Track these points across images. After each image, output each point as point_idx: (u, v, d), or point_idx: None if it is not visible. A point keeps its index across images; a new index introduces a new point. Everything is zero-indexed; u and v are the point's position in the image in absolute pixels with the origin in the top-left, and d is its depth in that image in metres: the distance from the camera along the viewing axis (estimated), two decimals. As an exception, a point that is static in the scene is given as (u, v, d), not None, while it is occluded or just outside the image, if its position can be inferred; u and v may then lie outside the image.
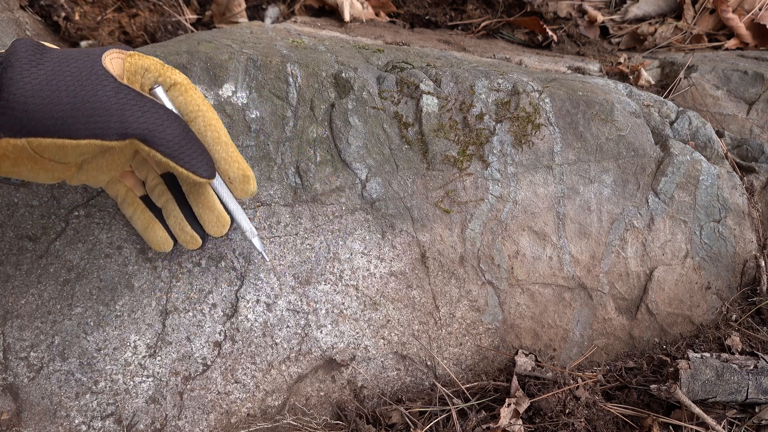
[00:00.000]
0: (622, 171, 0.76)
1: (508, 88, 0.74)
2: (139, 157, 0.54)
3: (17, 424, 0.55)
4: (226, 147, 0.52)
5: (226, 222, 0.55)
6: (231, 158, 0.52)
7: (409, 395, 0.66)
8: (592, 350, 0.73)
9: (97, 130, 0.43)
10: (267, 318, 0.62)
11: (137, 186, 0.55)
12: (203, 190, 0.53)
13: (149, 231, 0.55)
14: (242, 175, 0.53)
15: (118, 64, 0.47)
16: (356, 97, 0.67)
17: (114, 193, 0.55)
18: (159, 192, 0.55)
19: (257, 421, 0.61)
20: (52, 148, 0.43)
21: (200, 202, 0.54)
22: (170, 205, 0.55)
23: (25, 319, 0.56)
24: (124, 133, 0.45)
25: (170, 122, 0.47)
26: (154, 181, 0.55)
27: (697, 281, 0.78)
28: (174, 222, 0.55)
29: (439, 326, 0.67)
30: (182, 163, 0.47)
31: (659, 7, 1.20)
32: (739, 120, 0.93)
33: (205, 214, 0.54)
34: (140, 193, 0.56)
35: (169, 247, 0.56)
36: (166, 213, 0.55)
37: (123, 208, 0.56)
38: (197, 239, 0.55)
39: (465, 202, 0.69)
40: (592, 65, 1.02)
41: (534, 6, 1.14)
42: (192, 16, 1.06)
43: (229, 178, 0.53)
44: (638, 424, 0.66)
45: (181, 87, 0.51)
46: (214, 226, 0.54)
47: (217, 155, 0.52)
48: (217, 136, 0.51)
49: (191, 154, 0.48)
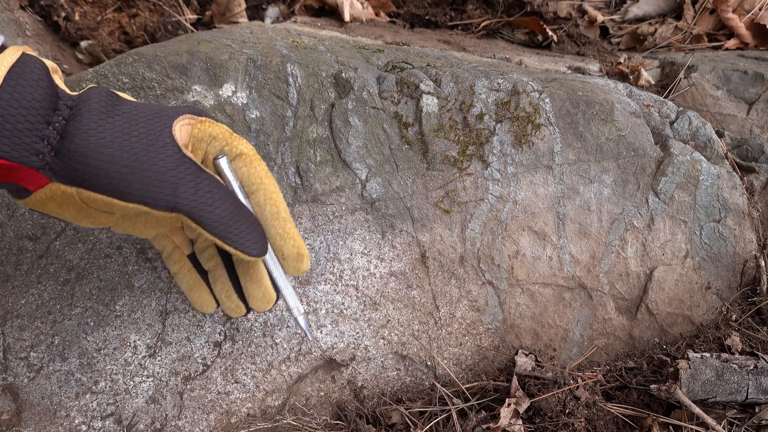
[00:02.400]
0: (622, 171, 0.76)
1: (508, 88, 0.74)
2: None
3: (17, 424, 0.55)
4: (283, 223, 0.51)
5: (272, 299, 0.53)
6: (287, 235, 0.51)
7: (409, 395, 0.66)
8: (592, 350, 0.73)
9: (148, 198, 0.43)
10: (267, 318, 0.62)
11: (185, 244, 0.54)
12: (253, 264, 0.52)
13: (194, 292, 0.54)
14: (297, 253, 0.52)
15: (187, 131, 0.47)
16: (356, 97, 0.67)
17: (161, 247, 0.54)
18: (208, 255, 0.53)
19: (257, 421, 0.61)
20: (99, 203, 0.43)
21: (248, 276, 0.52)
22: (219, 271, 0.53)
23: (25, 319, 0.56)
24: (173, 207, 0.44)
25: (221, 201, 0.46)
26: (204, 244, 0.53)
27: (697, 281, 0.78)
28: (221, 288, 0.53)
29: (439, 326, 0.67)
30: (230, 242, 0.47)
31: (659, 7, 1.20)
32: (739, 120, 0.93)
33: (251, 288, 0.53)
34: (188, 252, 0.54)
35: (213, 309, 0.55)
36: (213, 277, 0.54)
37: (168, 264, 0.54)
38: (242, 308, 0.54)
39: (465, 202, 0.69)
40: (592, 65, 1.02)
41: (534, 6, 1.14)
42: (192, 16, 1.06)
43: (283, 254, 0.52)
44: (638, 424, 0.66)
45: (246, 158, 0.50)
46: (259, 301, 0.53)
47: (273, 231, 0.51)
48: (276, 211, 0.51)
49: (240, 233, 0.47)
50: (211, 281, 0.54)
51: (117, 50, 0.99)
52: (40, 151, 0.41)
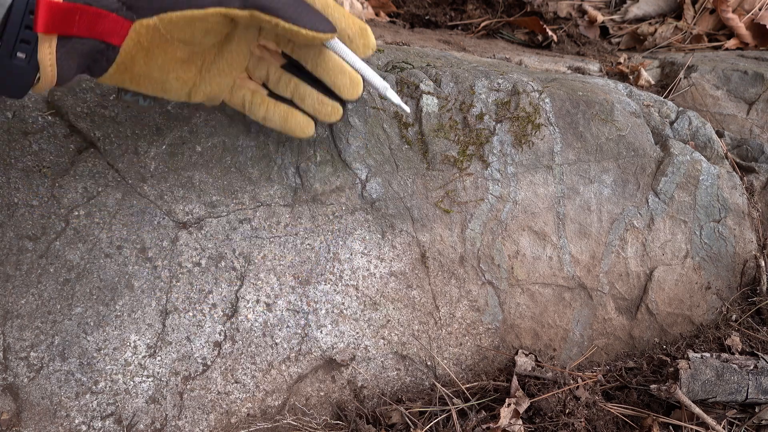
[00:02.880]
0: (622, 171, 0.76)
1: (508, 88, 0.74)
2: (255, 57, 0.55)
3: (17, 424, 0.55)
4: (336, 8, 0.53)
5: (359, 80, 0.55)
6: (345, 16, 0.53)
7: (409, 395, 0.66)
8: (592, 350, 0.73)
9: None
10: (267, 318, 0.62)
11: (260, 88, 0.56)
12: (329, 57, 0.54)
13: (290, 119, 0.56)
14: (360, 29, 0.54)
15: None
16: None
17: (240, 100, 0.56)
18: (285, 81, 0.56)
19: (257, 421, 0.61)
20: (182, 24, 0.45)
21: (329, 69, 0.54)
22: (301, 88, 0.56)
23: (25, 319, 0.56)
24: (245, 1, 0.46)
25: None
26: (276, 74, 0.56)
27: (697, 281, 0.78)
28: (311, 100, 0.56)
29: (439, 326, 0.67)
30: (303, 24, 0.48)
31: (659, 7, 1.20)
32: (739, 120, 0.93)
33: (338, 79, 0.54)
34: (265, 93, 0.56)
35: (312, 129, 0.57)
36: (299, 96, 0.56)
37: (254, 112, 0.57)
38: (338, 108, 0.56)
39: (465, 202, 0.69)
40: (592, 65, 1.02)
41: (534, 6, 1.14)
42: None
43: (349, 36, 0.53)
44: (638, 424, 0.66)
45: None
46: (349, 89, 0.55)
47: (331, 17, 0.52)
48: (325, 1, 0.52)
49: (309, 14, 0.49)
50: (299, 101, 0.56)
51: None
52: None
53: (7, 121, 0.57)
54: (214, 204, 0.62)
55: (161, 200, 0.60)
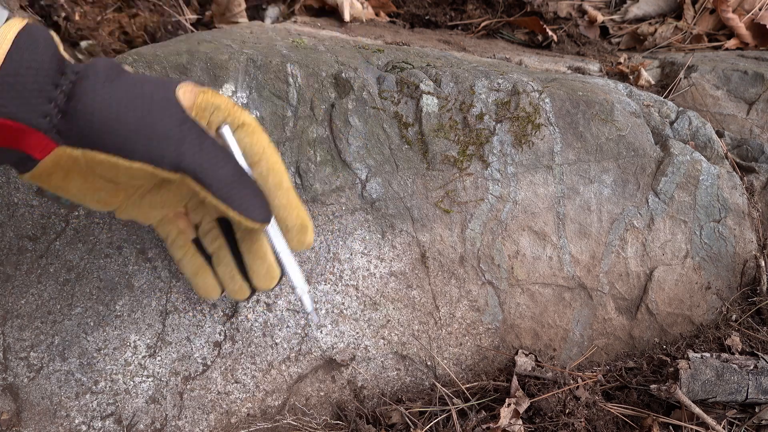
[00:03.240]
0: (622, 171, 0.76)
1: (508, 88, 0.74)
2: (196, 200, 0.52)
3: (17, 424, 0.55)
4: (287, 193, 0.50)
5: (276, 275, 0.53)
6: (291, 205, 0.50)
7: (409, 395, 0.66)
8: (592, 350, 0.73)
9: (153, 155, 0.43)
10: (267, 318, 0.62)
11: (189, 229, 0.54)
12: (256, 238, 0.51)
13: (198, 277, 0.54)
14: (300, 225, 0.51)
15: (190, 98, 0.46)
16: (356, 97, 0.67)
17: (165, 233, 0.54)
18: (212, 237, 0.53)
19: (257, 421, 0.61)
20: (105, 165, 0.43)
21: (252, 251, 0.52)
22: (222, 252, 0.53)
23: (25, 319, 0.56)
24: (177, 165, 0.44)
25: (225, 162, 0.46)
26: (208, 225, 0.53)
27: (697, 281, 0.78)
28: (224, 270, 0.53)
29: (439, 326, 0.67)
30: (234, 205, 0.46)
31: (659, 7, 1.20)
32: (739, 120, 0.93)
33: (255, 264, 0.52)
34: (192, 237, 0.54)
35: (217, 294, 0.54)
36: (217, 260, 0.53)
37: (172, 250, 0.54)
38: (245, 291, 0.53)
39: (465, 202, 0.69)
40: (592, 65, 1.02)
41: (534, 6, 1.14)
42: (192, 16, 1.06)
43: (287, 226, 0.50)
44: (638, 424, 0.66)
45: (249, 128, 0.49)
46: (263, 279, 0.52)
47: (277, 201, 0.49)
48: (278, 181, 0.49)
49: (244, 197, 0.46)
50: (215, 264, 0.53)
51: (117, 50, 0.99)
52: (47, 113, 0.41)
53: (7, 121, 0.57)
54: (214, 204, 0.62)
55: (161, 200, 0.60)
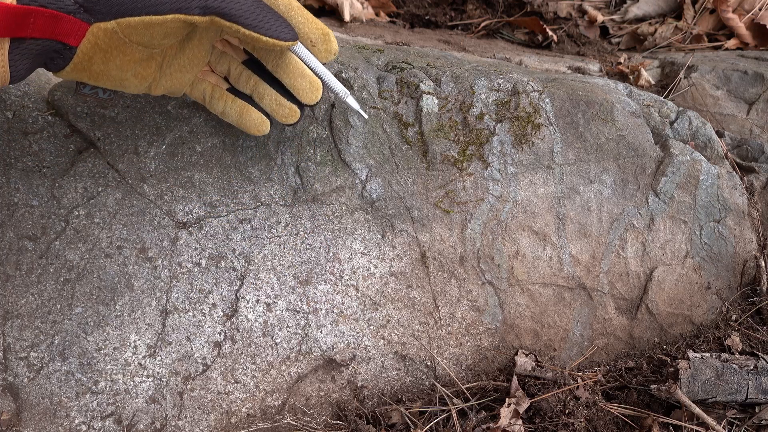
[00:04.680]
0: (622, 171, 0.76)
1: (508, 88, 0.74)
2: (217, 51, 0.55)
3: (17, 424, 0.55)
4: (300, 11, 0.52)
5: (319, 85, 0.55)
6: (308, 20, 0.53)
7: (409, 395, 0.66)
8: (592, 350, 0.73)
9: (181, 4, 0.45)
10: (267, 318, 0.62)
11: (221, 81, 0.56)
12: (289, 60, 0.54)
13: (245, 116, 0.56)
14: (323, 34, 0.53)
15: None
16: (356, 97, 0.67)
17: (200, 93, 0.56)
18: (245, 78, 0.55)
19: (257, 421, 0.61)
20: (140, 29, 0.45)
21: (290, 72, 0.54)
22: (261, 87, 0.55)
23: (25, 319, 0.56)
24: (205, 7, 0.46)
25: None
26: (237, 70, 0.55)
27: (697, 281, 0.78)
28: (269, 99, 0.55)
29: (439, 326, 0.67)
30: (264, 30, 0.48)
31: (659, 7, 1.20)
32: (739, 120, 0.93)
33: (297, 82, 0.54)
34: (225, 87, 0.56)
35: (268, 127, 0.57)
36: (258, 95, 0.55)
37: (212, 106, 0.57)
38: (296, 110, 0.56)
39: (465, 202, 0.69)
40: (592, 65, 1.02)
41: (534, 6, 1.14)
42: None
43: (311, 40, 0.53)
44: (638, 424, 0.66)
45: None
46: (308, 93, 0.54)
47: (294, 21, 0.52)
48: (288, 2, 0.52)
49: (270, 20, 0.48)
50: (258, 99, 0.56)
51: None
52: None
53: (7, 121, 0.57)
54: (214, 204, 0.62)
55: (161, 200, 0.60)
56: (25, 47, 0.42)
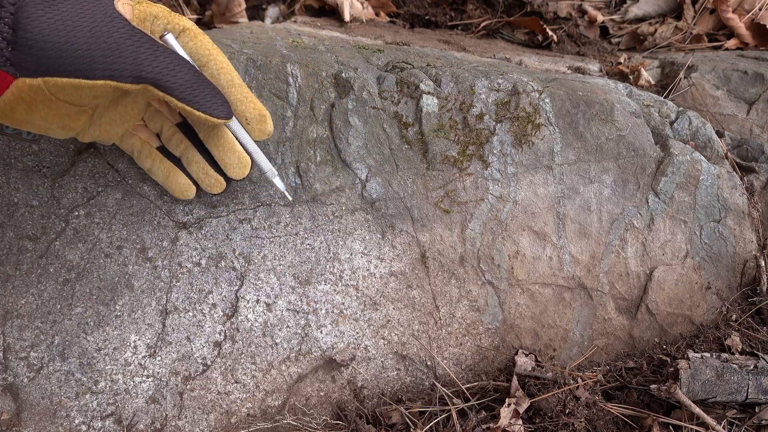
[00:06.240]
0: (622, 171, 0.76)
1: (508, 88, 0.74)
2: (152, 109, 0.54)
3: (17, 424, 0.55)
4: (240, 88, 0.52)
5: (247, 162, 0.55)
6: (246, 99, 0.53)
7: (409, 395, 0.66)
8: (592, 350, 0.73)
9: (113, 71, 0.44)
10: (267, 318, 0.62)
11: (152, 138, 0.56)
12: (221, 133, 0.53)
13: (171, 179, 0.56)
14: (259, 115, 0.53)
15: (128, 10, 0.47)
16: (356, 97, 0.67)
17: (129, 147, 0.56)
18: (177, 141, 0.55)
19: (257, 421, 0.61)
20: (68, 89, 0.44)
21: (220, 145, 0.54)
22: (190, 152, 0.55)
23: (25, 319, 0.56)
24: (139, 77, 0.45)
25: (182, 66, 0.47)
26: (170, 131, 0.55)
27: (697, 281, 0.78)
28: (197, 167, 0.55)
29: (439, 326, 0.67)
30: (197, 106, 0.48)
31: (659, 7, 1.20)
32: (739, 120, 0.93)
33: (226, 157, 0.54)
34: (156, 145, 0.56)
35: (193, 192, 0.56)
36: (186, 160, 0.55)
37: (140, 161, 0.56)
38: (221, 182, 0.56)
39: (465, 202, 0.69)
40: (592, 65, 1.02)
41: (534, 6, 1.14)
42: (192, 16, 1.06)
43: (246, 118, 0.53)
44: (638, 424, 0.66)
45: (191, 33, 0.51)
46: (235, 168, 0.55)
47: (233, 97, 0.52)
48: (230, 78, 0.52)
49: (205, 96, 0.48)
50: (186, 164, 0.55)
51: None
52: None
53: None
54: (214, 204, 0.62)
55: (161, 200, 0.60)
56: None
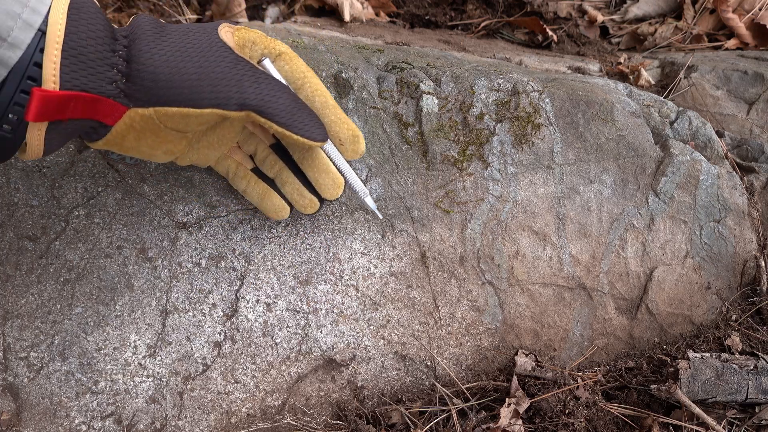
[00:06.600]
0: (622, 171, 0.76)
1: (508, 88, 0.74)
2: (246, 131, 0.55)
3: (17, 424, 0.55)
4: (334, 110, 0.53)
5: (341, 183, 0.56)
6: (341, 120, 0.54)
7: (409, 395, 0.66)
8: (592, 350, 0.73)
9: (220, 100, 0.45)
10: (267, 318, 0.62)
11: (246, 160, 0.57)
12: (316, 155, 0.55)
13: (266, 200, 0.57)
14: (352, 136, 0.54)
15: (230, 38, 0.48)
16: (356, 97, 0.67)
17: (224, 169, 0.57)
18: (271, 162, 0.56)
19: (257, 421, 0.61)
20: (177, 118, 0.45)
21: (314, 167, 0.55)
22: (284, 174, 0.56)
23: (25, 319, 0.56)
24: (243, 104, 0.46)
25: (281, 92, 0.49)
26: (264, 153, 0.56)
27: (697, 281, 0.78)
28: (291, 188, 0.56)
29: (439, 326, 0.67)
30: (296, 130, 0.49)
31: (659, 7, 1.20)
32: (739, 120, 0.93)
33: (321, 178, 0.55)
34: (250, 167, 0.57)
35: (287, 213, 0.58)
36: (281, 181, 0.57)
37: (235, 183, 0.58)
38: (316, 203, 0.57)
39: (465, 202, 0.69)
40: (592, 65, 1.02)
41: (534, 6, 1.14)
42: (192, 16, 1.06)
43: (340, 139, 0.54)
44: (638, 424, 0.66)
45: (287, 56, 0.52)
46: (329, 189, 0.56)
47: (327, 119, 0.53)
48: (324, 100, 0.53)
49: (303, 120, 0.50)
50: (280, 185, 0.57)
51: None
52: (113, 79, 0.42)
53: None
54: (214, 204, 0.62)
55: (161, 200, 0.60)
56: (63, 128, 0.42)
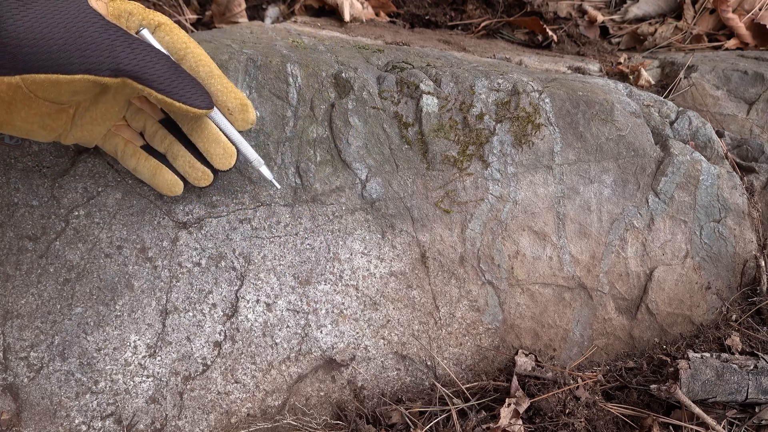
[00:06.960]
0: (622, 171, 0.76)
1: (508, 88, 0.74)
2: (134, 108, 0.54)
3: (17, 424, 0.55)
4: (220, 79, 0.52)
5: (233, 152, 0.55)
6: (227, 89, 0.52)
7: (409, 395, 0.66)
8: (592, 350, 0.73)
9: (90, 65, 0.44)
10: (267, 318, 0.62)
11: (135, 137, 0.55)
12: (205, 125, 0.53)
13: (157, 176, 0.55)
14: (240, 104, 0.53)
15: (102, 7, 0.47)
16: (356, 97, 0.67)
17: (112, 147, 0.55)
18: (160, 137, 0.55)
19: (257, 421, 0.61)
20: (46, 85, 0.44)
21: (204, 137, 0.54)
22: (175, 147, 0.55)
23: (25, 319, 0.56)
24: (116, 69, 0.45)
25: (159, 58, 0.47)
26: (153, 128, 0.55)
27: (697, 281, 0.78)
28: (183, 162, 0.55)
29: (439, 326, 0.67)
30: (177, 97, 0.48)
31: (659, 7, 1.20)
32: (739, 120, 0.93)
33: (211, 148, 0.54)
34: (140, 144, 0.55)
35: (180, 189, 0.56)
36: (172, 155, 0.55)
37: (125, 161, 0.56)
38: (208, 174, 0.55)
39: (465, 202, 0.69)
40: (592, 65, 1.02)
41: (534, 6, 1.14)
42: (192, 16, 1.06)
43: (228, 109, 0.53)
44: (638, 424, 0.66)
45: (167, 27, 0.51)
46: (221, 158, 0.54)
47: (213, 88, 0.52)
48: (209, 70, 0.52)
49: (185, 87, 0.48)
50: (171, 159, 0.55)
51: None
52: None
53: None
54: (214, 204, 0.62)
55: (161, 200, 0.60)
56: None
